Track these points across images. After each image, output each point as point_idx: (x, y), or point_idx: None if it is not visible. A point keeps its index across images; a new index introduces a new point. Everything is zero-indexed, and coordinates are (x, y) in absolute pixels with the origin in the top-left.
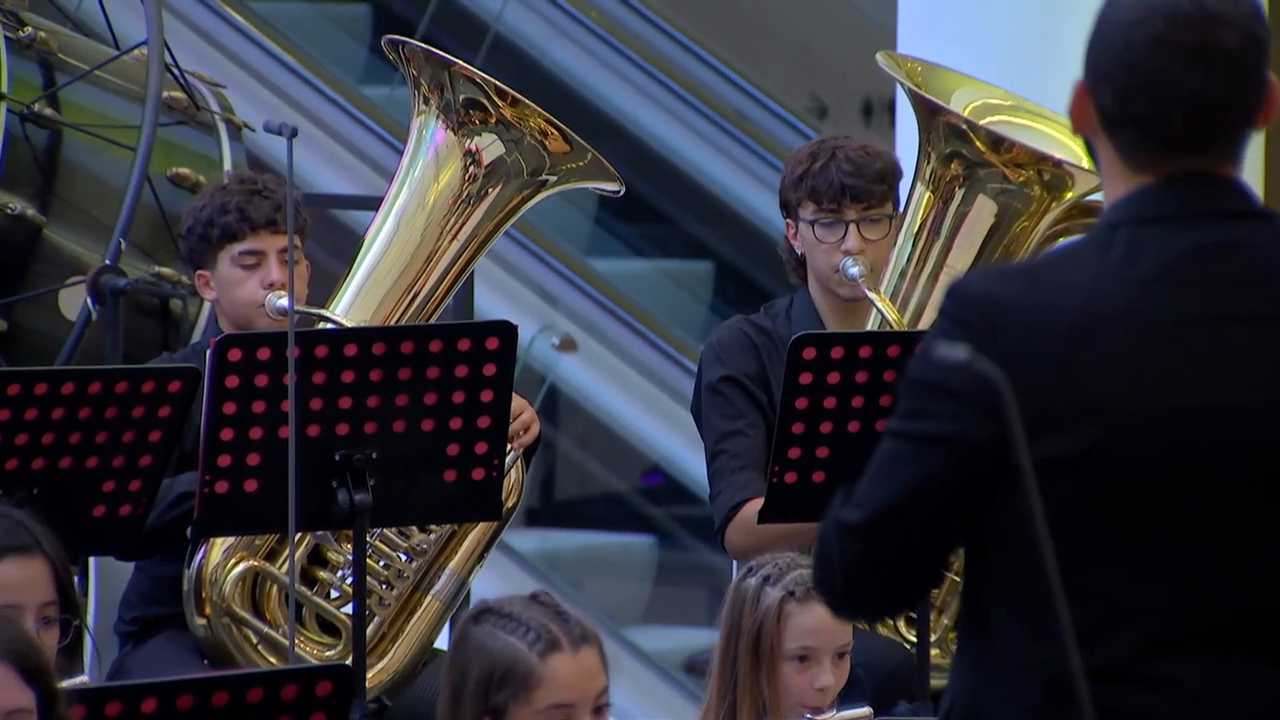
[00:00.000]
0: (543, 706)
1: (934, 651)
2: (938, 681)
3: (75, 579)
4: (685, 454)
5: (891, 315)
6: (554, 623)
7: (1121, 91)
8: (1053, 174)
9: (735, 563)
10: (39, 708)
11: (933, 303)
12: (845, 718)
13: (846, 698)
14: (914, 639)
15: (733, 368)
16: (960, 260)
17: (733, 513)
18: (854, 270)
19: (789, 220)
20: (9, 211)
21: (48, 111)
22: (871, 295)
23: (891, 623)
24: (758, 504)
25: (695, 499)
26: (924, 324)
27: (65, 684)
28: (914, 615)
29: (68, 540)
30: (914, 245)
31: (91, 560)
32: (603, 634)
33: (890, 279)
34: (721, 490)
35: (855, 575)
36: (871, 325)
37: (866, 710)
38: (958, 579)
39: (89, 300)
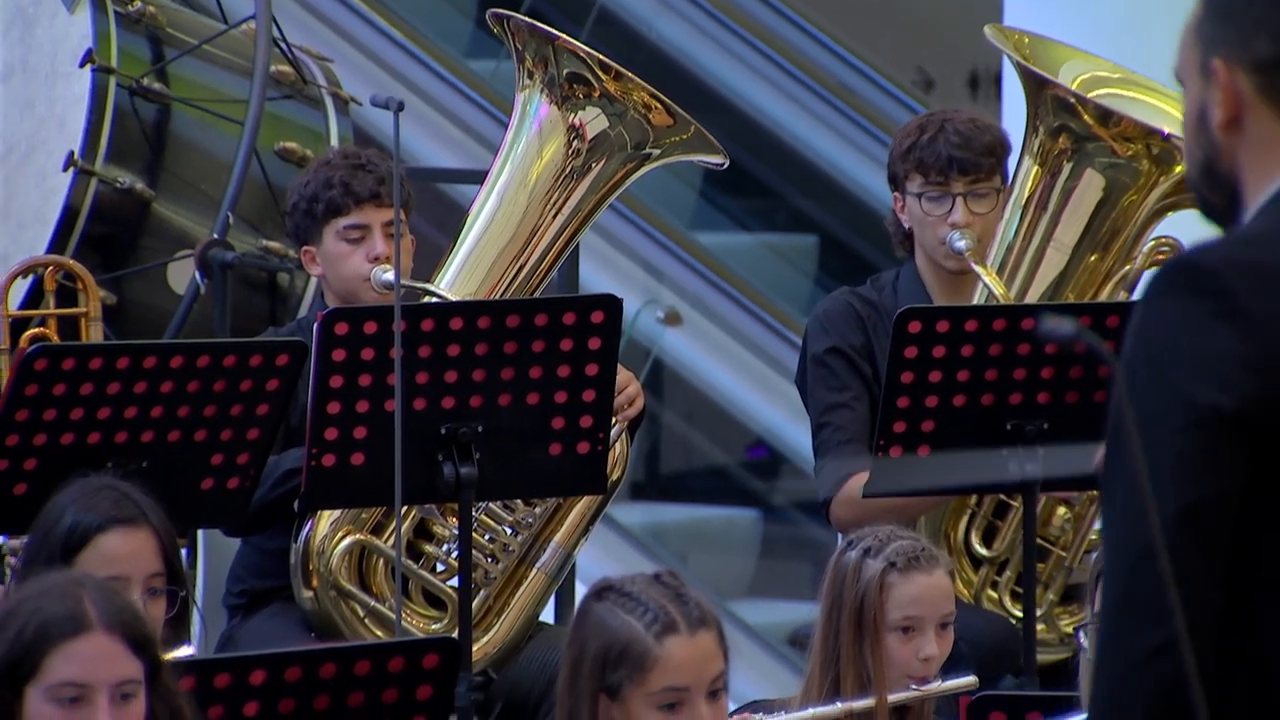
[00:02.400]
0: (657, 689)
1: (1040, 626)
2: (1043, 656)
3: (183, 552)
4: (790, 427)
5: (998, 289)
6: (673, 604)
7: None
8: (1161, 148)
9: (840, 536)
10: (145, 679)
11: (1040, 277)
12: (950, 687)
13: (950, 671)
14: (1019, 614)
15: (838, 340)
16: (1068, 234)
17: (838, 486)
18: (960, 244)
19: (896, 193)
20: (118, 186)
21: (156, 86)
22: (978, 269)
23: (996, 596)
24: (863, 478)
25: (800, 472)
26: (1031, 298)
27: (171, 656)
28: (1019, 589)
29: (175, 513)
30: (1021, 219)
31: (199, 533)
32: None
33: (997, 253)
34: (827, 463)
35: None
36: (978, 299)
37: (972, 679)
38: (1064, 554)
39: (197, 274)
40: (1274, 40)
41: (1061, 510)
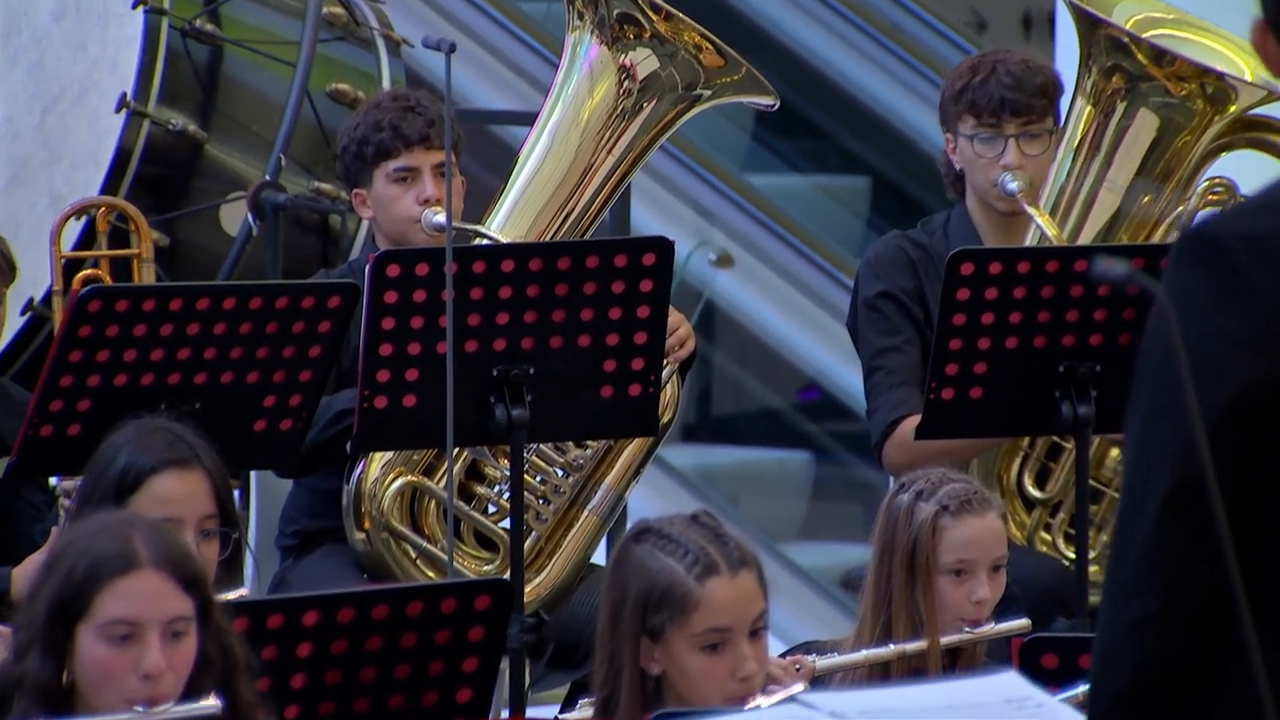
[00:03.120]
0: (699, 630)
1: (1092, 568)
2: (1096, 598)
3: (235, 493)
4: (842, 369)
5: (1051, 230)
6: (712, 545)
7: None
8: (1216, 87)
9: (891, 478)
10: (196, 618)
11: (1093, 219)
12: (1002, 630)
13: (1002, 613)
14: (1073, 555)
15: (890, 283)
16: (1121, 175)
17: (890, 429)
18: (1013, 185)
19: (948, 135)
20: (170, 127)
21: (209, 27)
22: (1030, 210)
23: (1049, 538)
24: (915, 420)
25: (852, 415)
26: (1084, 239)
27: (225, 597)
28: (1072, 531)
29: (228, 455)
30: (1074, 160)
31: (252, 475)
32: (759, 550)
33: (1050, 194)
34: (879, 406)
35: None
36: (1030, 241)
37: (1024, 622)
38: (1117, 495)
39: (249, 216)
40: None
41: (1115, 452)
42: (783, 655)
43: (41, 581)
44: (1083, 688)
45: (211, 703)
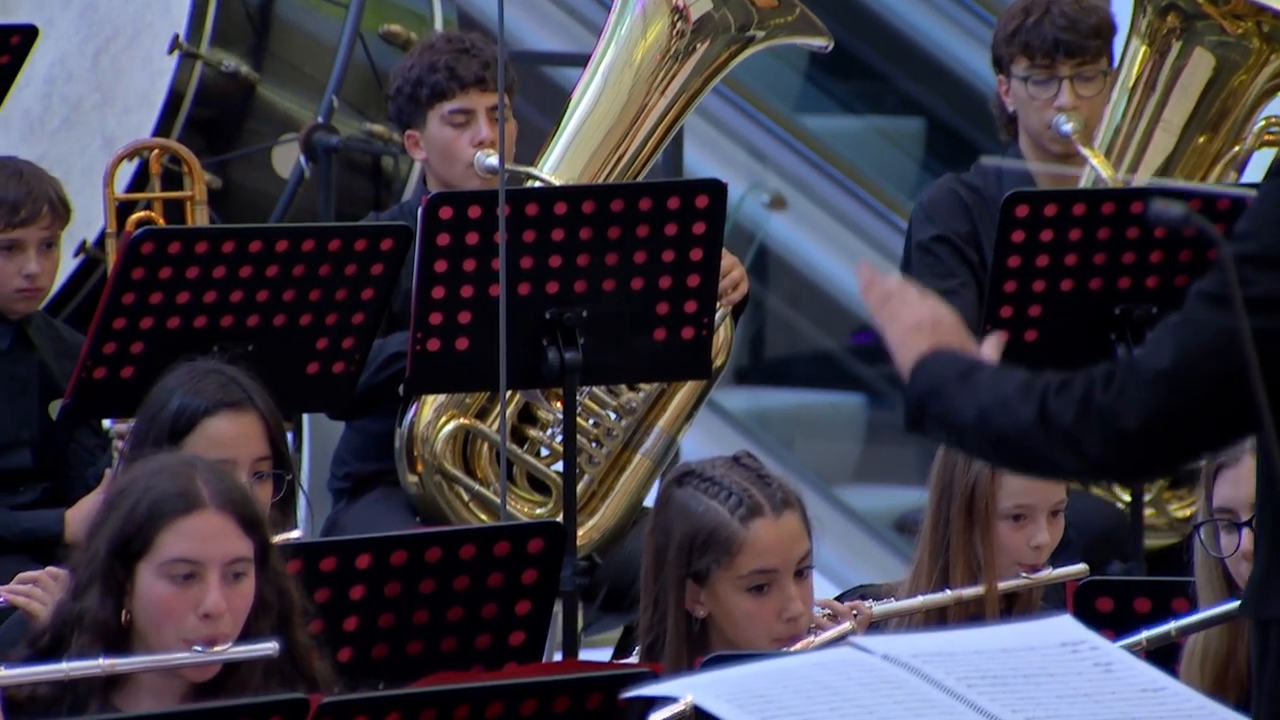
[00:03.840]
0: (745, 572)
1: (1148, 511)
2: (1151, 542)
3: (288, 436)
4: None
5: (1106, 172)
6: (756, 487)
7: None
8: (1272, 25)
9: None
10: (255, 560)
11: (1148, 159)
12: (1060, 574)
13: (1058, 558)
14: (1128, 498)
15: (944, 227)
16: (1176, 115)
17: None
18: (1067, 127)
19: (1001, 76)
20: (223, 69)
21: None
22: (1085, 151)
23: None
24: None
25: None
26: (1139, 180)
27: (279, 539)
28: None
29: (281, 397)
30: (1129, 100)
31: (304, 417)
32: (812, 493)
33: (1104, 135)
34: None
35: (1152, 425)
36: (1085, 183)
37: (1082, 567)
38: None
39: (302, 158)
40: None
41: None
42: (838, 598)
43: (102, 519)
44: (1142, 634)
45: (270, 644)
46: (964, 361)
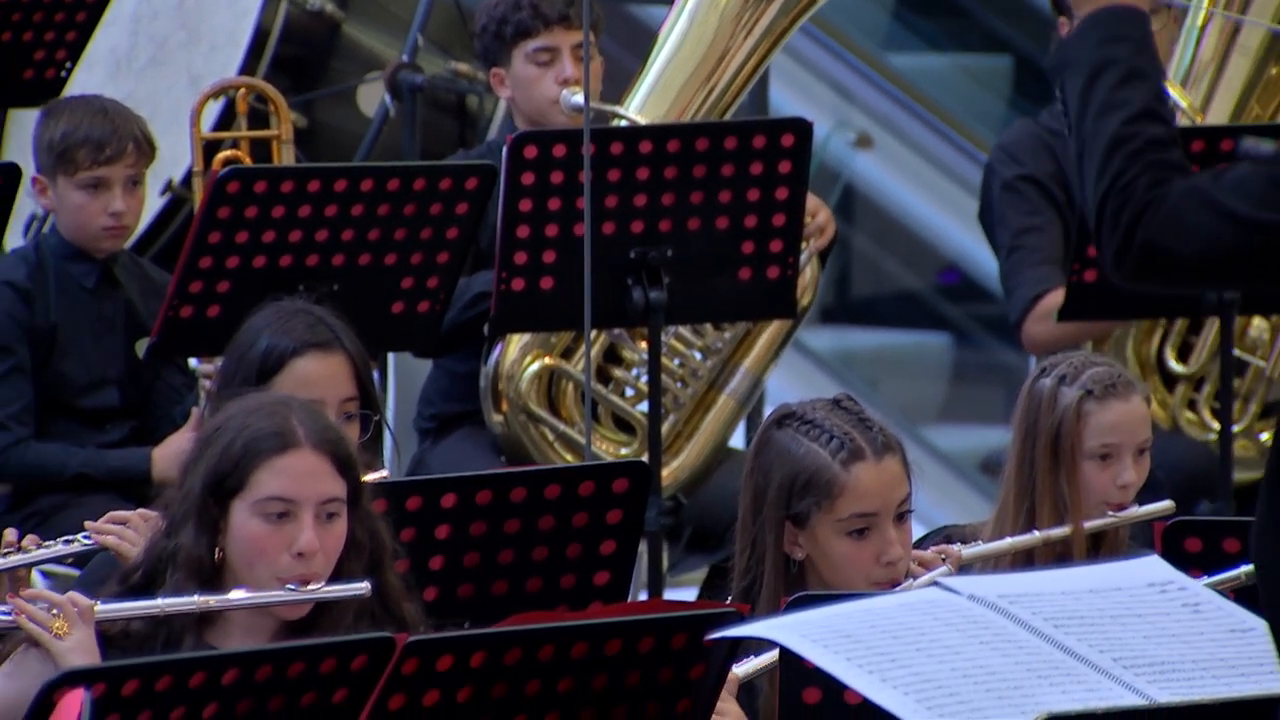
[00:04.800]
0: (845, 515)
1: (1238, 443)
2: (1242, 475)
3: (374, 375)
4: (982, 251)
5: (1183, 101)
6: (857, 430)
7: None
8: None
9: (1032, 360)
10: (347, 500)
11: (1224, 85)
12: (1146, 513)
13: (1145, 497)
14: (1217, 427)
15: (1029, 167)
16: (1253, 37)
17: (1032, 304)
18: None
19: (1063, 19)
20: (308, 7)
21: None
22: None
23: (1195, 416)
24: (1056, 297)
25: (992, 297)
26: (1217, 108)
27: (366, 479)
28: (1218, 404)
29: (366, 336)
30: (1203, 29)
31: (389, 357)
32: (898, 433)
33: (1180, 63)
34: (1020, 284)
35: (1204, 253)
36: None
37: (1168, 504)
38: (1263, 364)
39: (386, 96)
40: None
41: (1258, 319)
42: (922, 540)
43: (197, 456)
44: (1230, 573)
45: (363, 585)
46: (1122, 48)
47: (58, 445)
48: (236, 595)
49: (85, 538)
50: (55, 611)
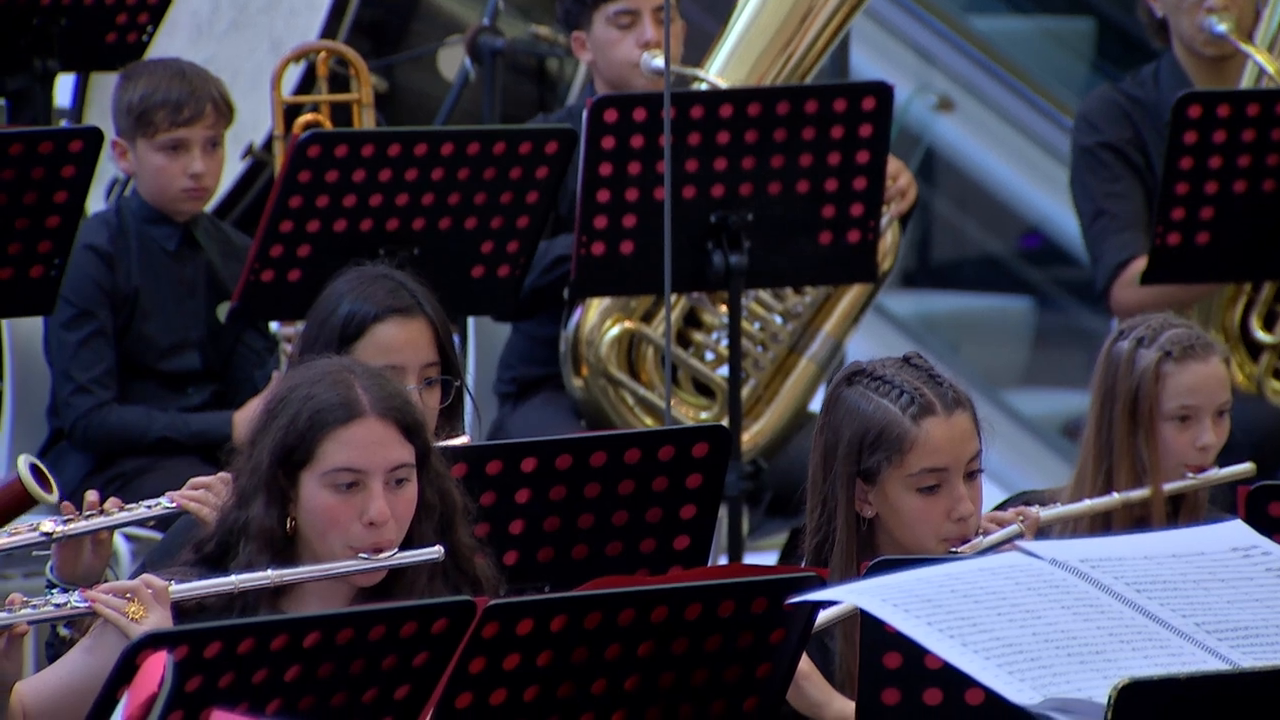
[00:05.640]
0: (915, 470)
1: None
2: None
3: (455, 340)
4: (1064, 215)
5: (1270, 67)
6: (927, 386)
7: None
8: None
9: (1114, 324)
10: (416, 464)
11: None
12: (1226, 475)
13: (1226, 461)
14: None
15: (1109, 134)
16: None
17: (1118, 271)
18: (1220, 28)
19: None
20: None
21: None
22: (1246, 47)
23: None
24: (1141, 263)
25: (1074, 261)
26: None
27: (447, 443)
28: None
29: (446, 301)
30: None
31: (469, 321)
32: (979, 397)
33: (1265, 28)
34: (1105, 251)
35: None
36: (1247, 81)
37: (1249, 466)
38: None
39: (467, 60)
40: None
41: None
42: (1001, 505)
43: (263, 427)
44: None
45: (435, 549)
46: None
47: (140, 409)
48: (309, 568)
49: (168, 501)
50: (129, 597)
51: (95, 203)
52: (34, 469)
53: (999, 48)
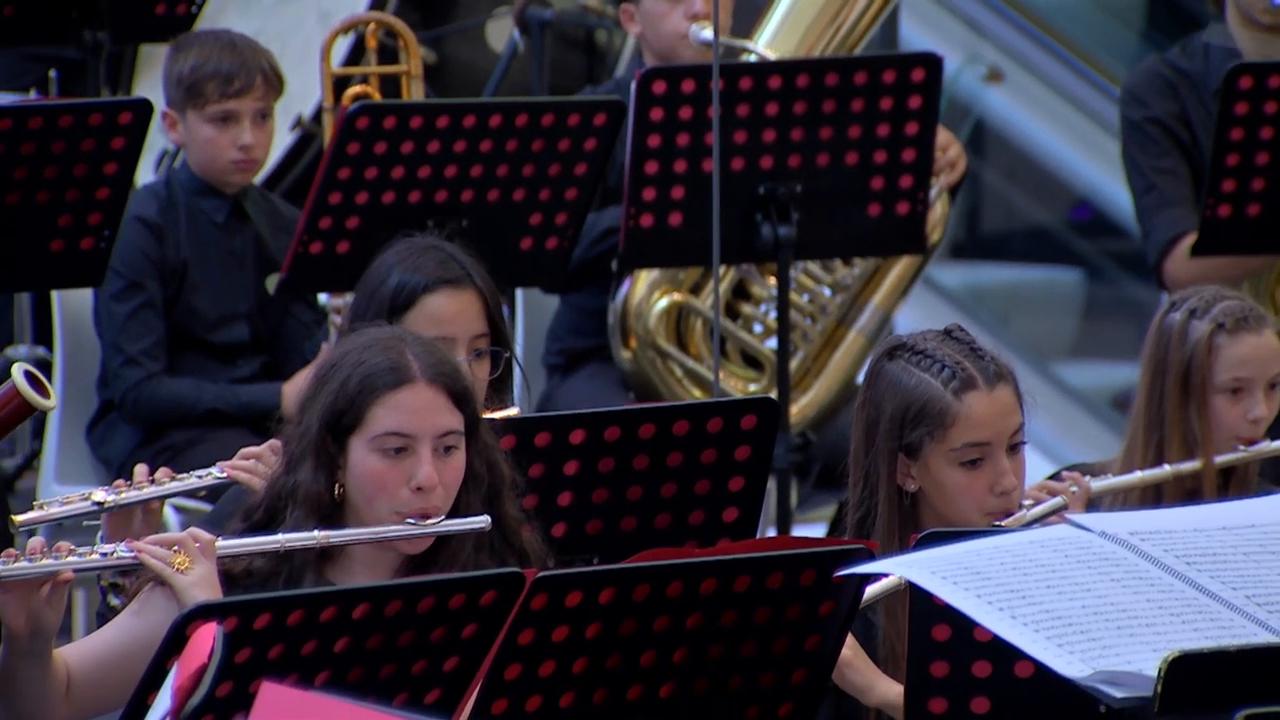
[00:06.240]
0: (958, 444)
1: None
2: None
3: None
4: (1114, 186)
5: None
6: (969, 360)
7: None
8: None
9: (1165, 296)
10: (465, 433)
11: None
12: (1278, 447)
13: (1277, 433)
14: None
15: (1155, 109)
16: None
17: (1169, 247)
18: None
19: None
20: None
21: None
22: None
23: None
24: (1194, 237)
25: (1125, 232)
26: None
27: (497, 415)
28: None
29: (495, 272)
30: None
31: (518, 293)
32: (1028, 369)
33: None
34: (1155, 226)
35: None
36: None
37: None
38: None
39: (515, 32)
40: None
41: None
42: (1052, 476)
43: (313, 394)
44: None
45: (482, 519)
46: None
47: (189, 381)
48: (356, 531)
49: (218, 471)
50: (176, 549)
51: (145, 174)
52: (29, 376)
53: (1048, 18)
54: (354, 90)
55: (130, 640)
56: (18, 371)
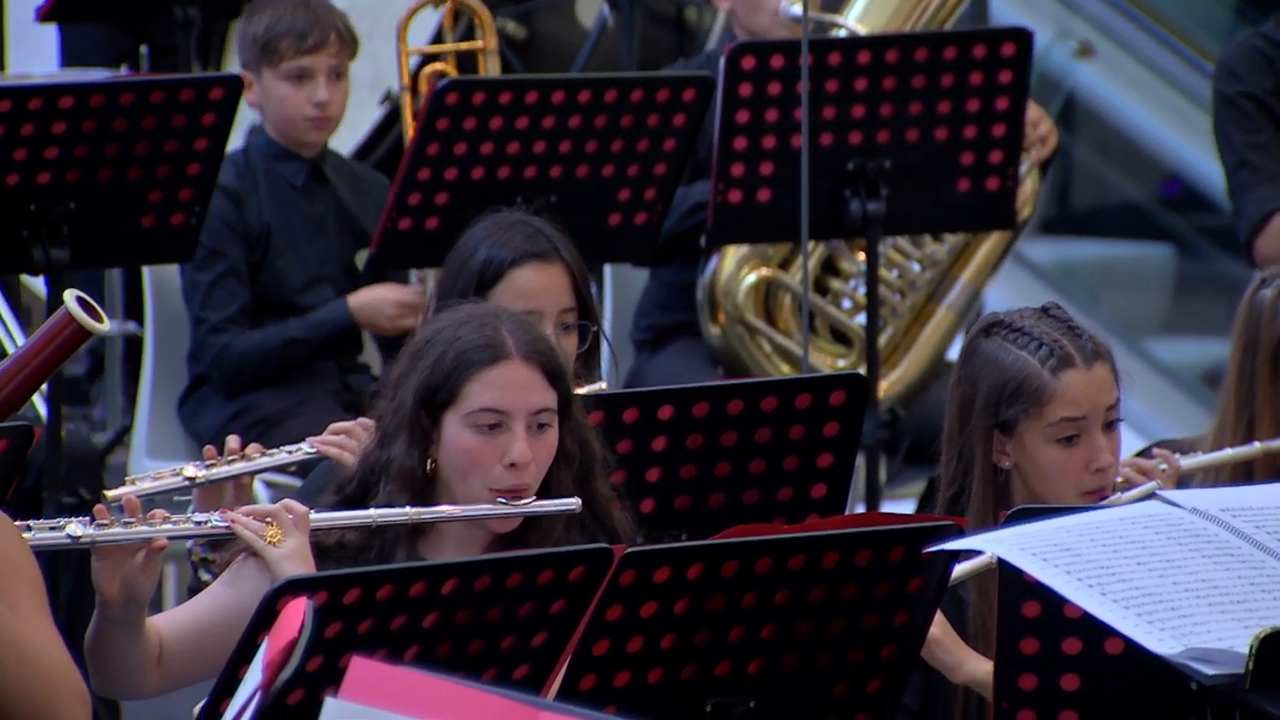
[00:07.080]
0: (1054, 421)
1: None
2: None
3: (592, 287)
4: (1206, 162)
5: None
6: (1066, 338)
7: None
8: None
9: (1256, 272)
10: (558, 410)
11: None
12: None
13: None
14: None
15: (1249, 84)
16: None
17: (1262, 224)
18: None
19: None
20: None
21: None
22: None
23: None
24: None
25: (1216, 208)
26: None
27: (585, 390)
28: None
29: (583, 248)
30: None
31: (606, 268)
32: (1119, 345)
33: None
34: (1247, 203)
35: None
36: None
37: None
38: None
39: (605, 8)
40: None
41: None
42: (1141, 452)
43: (408, 369)
44: None
45: (573, 501)
46: None
47: (259, 331)
48: (447, 508)
49: (308, 446)
50: (269, 520)
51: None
52: (81, 301)
53: None
54: (431, 68)
55: (222, 610)
56: (69, 297)
